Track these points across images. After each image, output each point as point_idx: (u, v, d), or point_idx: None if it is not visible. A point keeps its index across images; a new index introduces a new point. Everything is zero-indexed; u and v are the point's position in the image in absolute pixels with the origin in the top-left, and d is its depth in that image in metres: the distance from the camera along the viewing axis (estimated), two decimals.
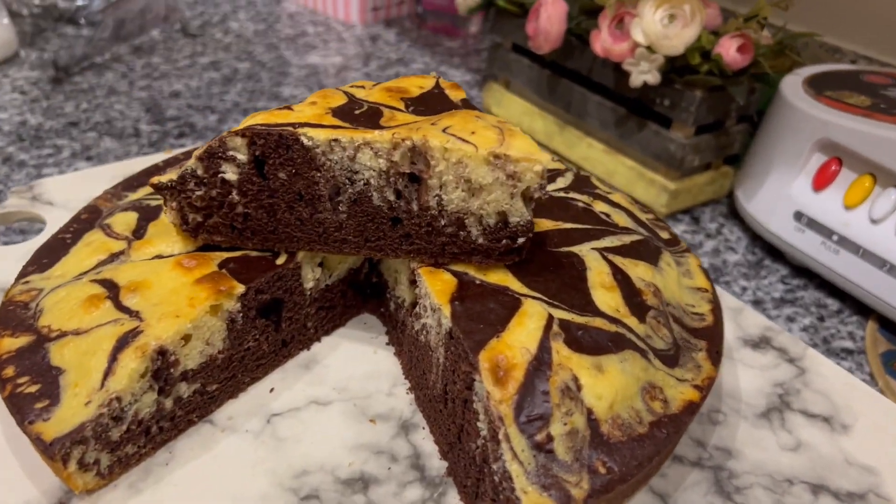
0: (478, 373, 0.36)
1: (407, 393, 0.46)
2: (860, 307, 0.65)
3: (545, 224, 0.47)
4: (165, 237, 0.45)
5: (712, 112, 0.70)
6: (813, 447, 0.47)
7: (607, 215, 0.49)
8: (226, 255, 0.44)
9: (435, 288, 0.41)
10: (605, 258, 0.44)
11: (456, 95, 0.49)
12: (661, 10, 0.66)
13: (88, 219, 0.50)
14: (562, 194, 0.51)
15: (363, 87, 0.50)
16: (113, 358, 0.37)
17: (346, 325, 0.52)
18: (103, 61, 1.00)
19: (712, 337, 0.44)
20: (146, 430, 0.40)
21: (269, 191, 0.43)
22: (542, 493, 0.33)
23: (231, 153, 0.42)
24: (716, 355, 0.43)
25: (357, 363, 0.49)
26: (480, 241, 0.42)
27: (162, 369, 0.39)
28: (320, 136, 0.41)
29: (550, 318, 0.38)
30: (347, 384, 0.47)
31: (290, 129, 0.41)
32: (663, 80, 0.69)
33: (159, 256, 0.44)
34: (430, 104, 0.47)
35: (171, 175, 0.43)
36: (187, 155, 0.59)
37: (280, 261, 0.44)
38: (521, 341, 0.37)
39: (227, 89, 0.94)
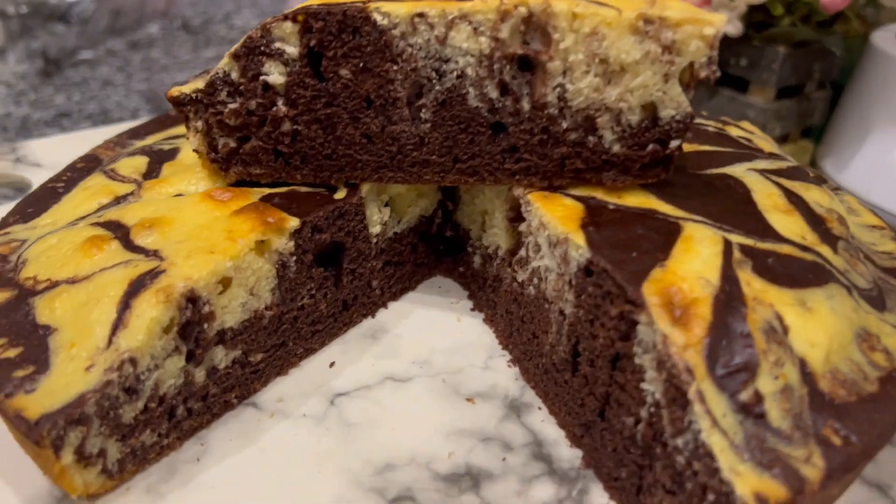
0: (643, 311, 0.26)
1: (509, 366, 0.36)
2: None
3: (685, 146, 0.37)
4: (188, 175, 0.35)
5: (796, 72, 0.62)
6: None
7: (748, 140, 0.40)
8: (267, 190, 0.34)
9: (556, 214, 0.30)
10: (768, 179, 0.35)
11: None
12: None
13: (86, 167, 0.40)
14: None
15: None
16: (125, 305, 0.27)
17: (416, 288, 0.42)
18: (96, 56, 0.92)
19: None
20: (170, 412, 0.29)
21: (326, 96, 0.32)
22: (762, 472, 0.23)
23: (277, 46, 0.31)
24: None
25: (437, 333, 0.38)
26: (616, 148, 0.31)
27: (192, 323, 0.29)
28: (400, 10, 0.30)
29: (727, 242, 0.29)
30: (430, 357, 0.37)
31: (360, 4, 0.30)
32: (740, 38, 0.61)
33: (179, 195, 0.34)
34: None
35: (196, 83, 0.33)
36: None
37: (340, 195, 0.34)
38: (697, 270, 0.27)
39: None
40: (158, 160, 0.37)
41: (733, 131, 0.41)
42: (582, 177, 0.32)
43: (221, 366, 0.31)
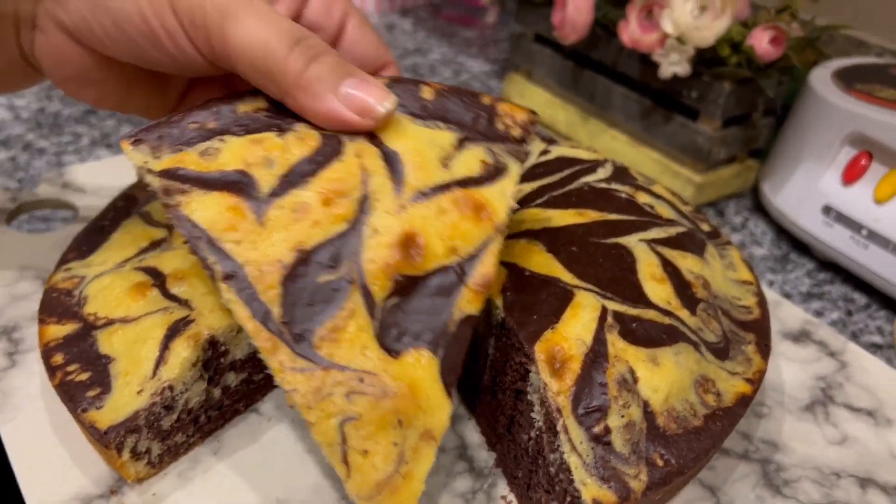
0: (534, 364, 0.36)
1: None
2: (888, 301, 0.65)
3: (591, 215, 0.47)
4: None
5: (740, 105, 0.71)
6: (859, 441, 0.47)
7: (651, 206, 0.49)
8: None
9: None
10: (653, 250, 0.44)
11: None
12: (691, 1, 0.66)
13: (125, 207, 0.50)
14: (604, 185, 0.51)
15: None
16: (165, 346, 0.37)
17: None
18: None
19: (760, 330, 0.45)
20: (195, 419, 0.40)
21: None
22: (601, 485, 0.33)
23: None
24: (765, 348, 0.43)
25: None
26: None
27: (212, 359, 0.40)
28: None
29: (604, 309, 0.39)
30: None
31: None
32: (691, 73, 0.69)
33: None
34: None
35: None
36: None
37: None
38: (577, 333, 0.37)
39: None
40: None
41: (641, 198, 0.49)
42: None
43: (233, 385, 0.41)
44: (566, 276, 0.41)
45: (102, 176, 0.63)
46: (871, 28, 0.86)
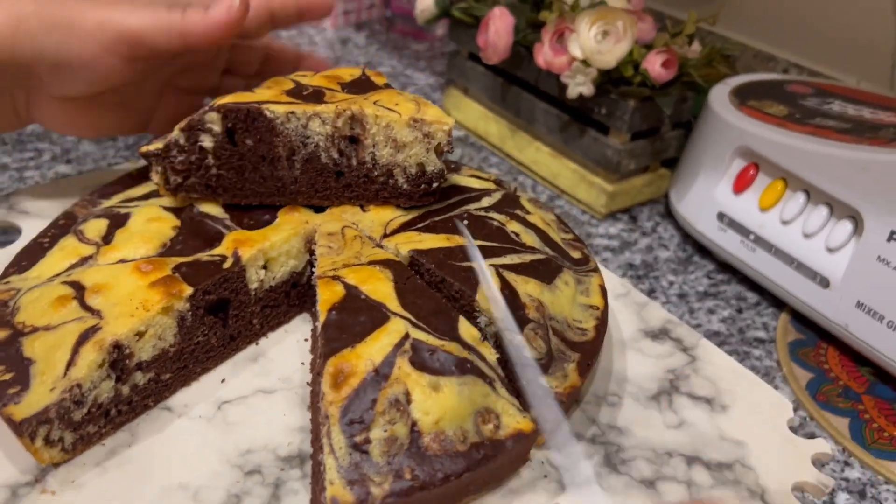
0: (322, 376, 0.42)
1: None
2: (776, 300, 0.71)
3: (457, 240, 0.53)
4: (130, 242, 0.51)
5: (646, 120, 0.76)
6: (693, 425, 0.53)
7: (517, 234, 0.55)
8: (179, 259, 0.50)
9: (323, 297, 0.47)
10: (498, 274, 0.50)
11: (379, 80, 0.61)
12: (595, 27, 0.72)
13: (65, 224, 0.56)
14: (482, 213, 0.57)
15: (305, 75, 0.61)
16: (75, 351, 0.43)
17: (290, 321, 0.58)
18: None
19: (588, 351, 0.49)
20: (106, 413, 0.46)
21: (238, 155, 0.53)
22: (345, 486, 0.38)
23: (208, 125, 0.52)
24: (585, 367, 0.48)
25: (299, 356, 0.55)
26: (405, 186, 0.55)
27: (118, 360, 0.45)
28: (280, 109, 0.52)
29: (406, 336, 0.44)
30: (291, 375, 0.53)
31: (256, 105, 0.51)
32: (600, 91, 0.75)
33: (122, 261, 0.50)
34: (360, 87, 0.58)
35: (157, 144, 0.53)
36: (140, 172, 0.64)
37: (227, 265, 0.50)
38: (370, 353, 0.42)
39: None
40: (115, 224, 0.53)
41: (511, 226, 0.56)
42: (388, 201, 0.56)
43: (140, 383, 0.47)
44: (392, 304, 0.46)
45: (46, 199, 0.68)
46: (779, 43, 0.91)
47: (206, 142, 0.53)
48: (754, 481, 0.49)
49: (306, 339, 0.56)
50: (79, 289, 0.47)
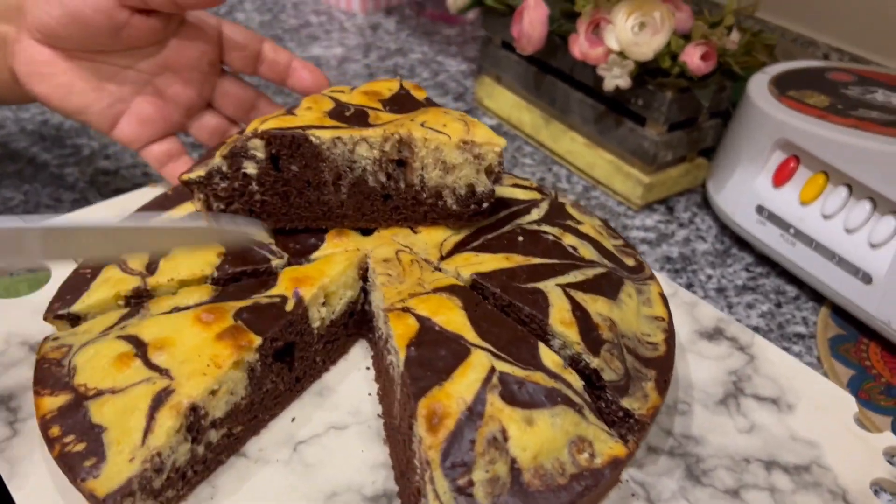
0: (415, 418, 0.41)
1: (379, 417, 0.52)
2: (816, 294, 0.71)
3: (516, 259, 0.52)
4: (176, 271, 0.51)
5: (683, 111, 0.75)
6: (764, 428, 0.53)
7: (574, 248, 0.54)
8: (238, 304, 0.49)
9: (397, 332, 0.45)
10: (566, 294, 0.49)
11: (419, 95, 0.60)
12: (632, 18, 0.71)
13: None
14: (535, 227, 0.56)
15: (343, 91, 0.60)
16: (151, 417, 0.42)
17: (349, 351, 0.57)
18: None
19: (662, 367, 0.49)
20: (183, 475, 0.45)
21: (282, 181, 0.53)
22: None
23: (251, 152, 0.51)
24: (663, 384, 0.48)
25: (365, 387, 0.54)
26: (454, 207, 0.54)
27: (194, 422, 0.44)
28: (325, 135, 0.51)
29: (492, 370, 0.43)
30: (360, 407, 0.52)
31: (300, 131, 0.51)
32: (637, 81, 0.74)
33: (177, 309, 0.49)
34: (402, 104, 0.57)
35: (199, 172, 0.52)
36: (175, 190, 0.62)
37: (289, 307, 0.49)
38: (460, 391, 0.41)
39: None
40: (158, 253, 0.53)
41: (567, 239, 0.55)
42: (437, 222, 0.55)
43: (214, 440, 0.46)
44: (470, 335, 0.45)
45: None
46: (819, 27, 0.89)
47: (250, 168, 0.52)
48: (833, 481, 0.49)
49: (368, 368, 0.56)
50: (139, 345, 0.46)
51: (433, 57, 1.11)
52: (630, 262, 0.58)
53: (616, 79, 0.73)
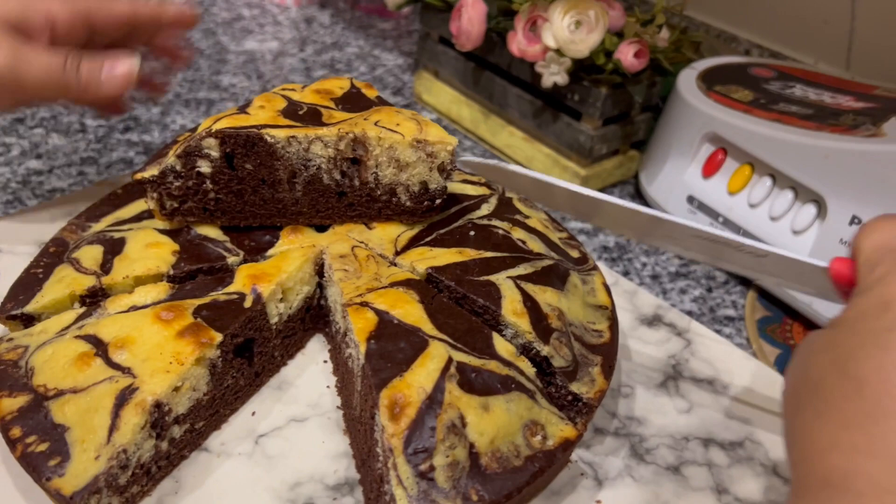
0: (377, 408, 0.42)
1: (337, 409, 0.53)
2: (743, 279, 0.75)
3: (469, 253, 0.54)
4: (131, 268, 0.51)
5: (617, 106, 0.78)
6: (702, 407, 0.56)
7: (523, 242, 0.56)
8: (197, 302, 0.49)
9: (357, 325, 0.46)
10: (517, 286, 0.51)
11: (371, 94, 0.61)
12: (568, 17, 0.73)
13: (56, 251, 0.54)
14: (485, 222, 0.58)
15: (294, 89, 0.60)
16: (115, 415, 0.42)
17: (305, 346, 0.58)
18: None
19: (607, 353, 0.51)
20: (147, 471, 0.45)
21: (237, 179, 0.53)
22: None
23: (206, 151, 0.51)
24: (608, 369, 0.50)
25: (323, 380, 0.55)
26: (408, 203, 0.56)
27: (158, 419, 0.44)
28: (280, 134, 0.51)
29: (450, 360, 0.45)
30: (318, 400, 0.53)
31: (255, 130, 0.51)
32: (573, 78, 0.77)
33: (135, 307, 0.48)
34: (354, 102, 0.58)
35: (152, 171, 0.52)
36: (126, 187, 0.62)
37: (248, 304, 0.50)
38: (420, 381, 0.43)
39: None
40: (110, 250, 0.52)
41: (516, 233, 0.57)
42: (391, 218, 0.57)
43: (178, 436, 0.47)
44: (427, 327, 0.47)
45: (20, 232, 0.64)
46: (740, 23, 0.94)
47: (204, 167, 0.52)
48: (765, 455, 0.53)
49: (325, 361, 0.57)
50: (98, 344, 0.45)
51: (369, 51, 1.11)
52: (575, 253, 0.61)
53: (554, 76, 0.76)
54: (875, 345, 0.27)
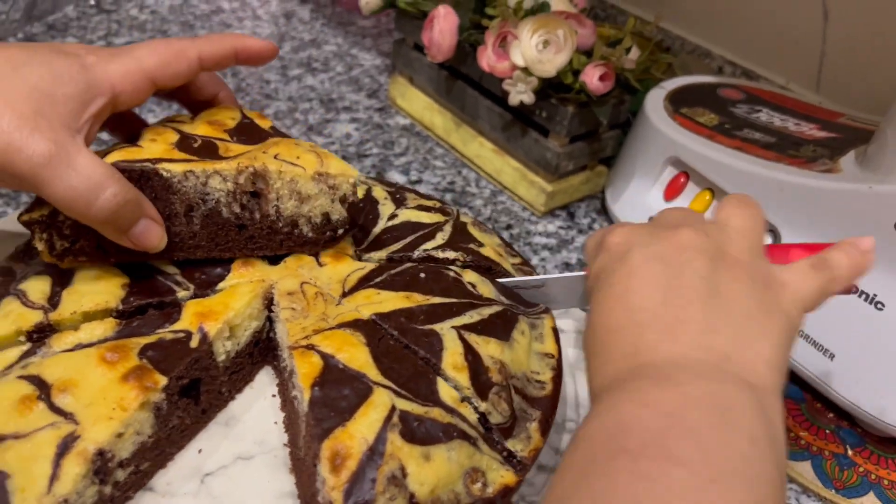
0: (319, 459, 0.42)
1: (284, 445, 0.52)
2: None
3: (416, 298, 0.53)
4: (79, 304, 0.50)
5: (584, 124, 0.78)
6: None
7: (473, 286, 0.55)
8: (143, 341, 0.48)
9: (302, 371, 0.46)
10: (460, 337, 0.50)
11: (264, 124, 0.59)
12: (536, 35, 0.73)
13: (3, 281, 0.53)
14: (439, 254, 0.58)
15: (183, 120, 0.58)
16: (56, 464, 0.41)
17: (254, 379, 0.57)
18: (16, 42, 1.01)
19: (547, 407, 0.51)
20: None
21: None
22: None
23: None
24: (546, 425, 0.50)
25: (271, 415, 0.55)
26: (310, 234, 0.55)
27: (101, 466, 0.44)
28: (176, 168, 0.50)
29: (393, 409, 0.44)
30: (265, 437, 0.53)
31: (150, 164, 0.49)
32: (540, 95, 0.77)
33: (80, 345, 0.48)
34: (248, 134, 0.57)
35: (41, 210, 0.48)
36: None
37: (194, 343, 0.49)
38: (363, 431, 0.43)
39: None
40: (58, 282, 0.51)
41: (467, 276, 0.56)
42: (293, 249, 0.56)
43: (121, 479, 0.46)
44: (372, 372, 0.47)
45: None
46: (714, 38, 0.94)
47: None
48: None
49: (273, 396, 0.56)
50: (42, 386, 0.44)
51: (347, 50, 1.10)
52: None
53: (520, 94, 0.76)
54: (599, 289, 0.43)
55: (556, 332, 0.57)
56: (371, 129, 0.95)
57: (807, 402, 0.66)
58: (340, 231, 0.56)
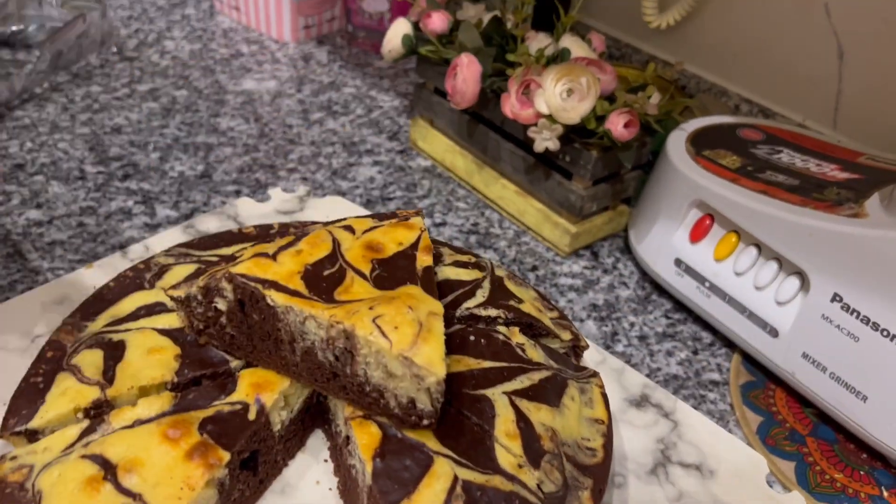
0: None
1: None
2: (727, 341, 0.76)
3: (468, 362, 0.53)
4: (135, 378, 0.50)
5: (607, 167, 0.79)
6: (690, 495, 0.57)
7: (523, 349, 0.55)
8: (202, 414, 0.49)
9: (362, 441, 0.46)
10: (512, 403, 0.50)
11: (423, 262, 0.55)
12: (560, 84, 0.74)
13: (54, 356, 0.53)
14: (481, 312, 0.58)
15: (353, 230, 0.57)
16: None
17: (306, 444, 0.57)
18: (42, 91, 1.02)
19: (599, 475, 0.49)
20: None
21: (247, 324, 0.52)
22: None
23: (223, 291, 0.51)
24: (598, 494, 0.49)
25: (325, 481, 0.55)
26: (397, 411, 0.49)
27: None
28: (280, 300, 0.49)
29: (455, 479, 0.44)
30: (321, 502, 0.53)
31: (260, 287, 0.49)
32: (564, 140, 0.78)
33: (139, 421, 0.48)
34: (394, 271, 0.53)
35: (181, 291, 0.52)
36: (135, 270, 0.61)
37: (251, 415, 0.49)
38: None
39: (167, 122, 0.99)
40: (111, 356, 0.52)
41: (515, 338, 0.56)
42: (381, 415, 0.50)
43: None
44: (431, 442, 0.47)
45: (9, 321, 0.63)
46: (730, 76, 0.95)
47: (221, 304, 0.51)
48: None
49: (326, 461, 0.56)
50: (107, 466, 0.45)
51: (366, 92, 1.12)
52: (566, 335, 0.61)
53: (546, 141, 0.77)
54: None
55: (605, 396, 0.57)
56: (394, 171, 0.96)
57: (839, 443, 0.66)
58: (425, 422, 0.48)
